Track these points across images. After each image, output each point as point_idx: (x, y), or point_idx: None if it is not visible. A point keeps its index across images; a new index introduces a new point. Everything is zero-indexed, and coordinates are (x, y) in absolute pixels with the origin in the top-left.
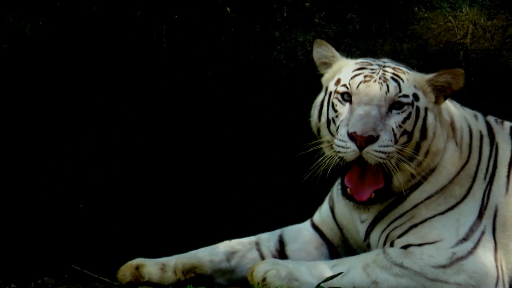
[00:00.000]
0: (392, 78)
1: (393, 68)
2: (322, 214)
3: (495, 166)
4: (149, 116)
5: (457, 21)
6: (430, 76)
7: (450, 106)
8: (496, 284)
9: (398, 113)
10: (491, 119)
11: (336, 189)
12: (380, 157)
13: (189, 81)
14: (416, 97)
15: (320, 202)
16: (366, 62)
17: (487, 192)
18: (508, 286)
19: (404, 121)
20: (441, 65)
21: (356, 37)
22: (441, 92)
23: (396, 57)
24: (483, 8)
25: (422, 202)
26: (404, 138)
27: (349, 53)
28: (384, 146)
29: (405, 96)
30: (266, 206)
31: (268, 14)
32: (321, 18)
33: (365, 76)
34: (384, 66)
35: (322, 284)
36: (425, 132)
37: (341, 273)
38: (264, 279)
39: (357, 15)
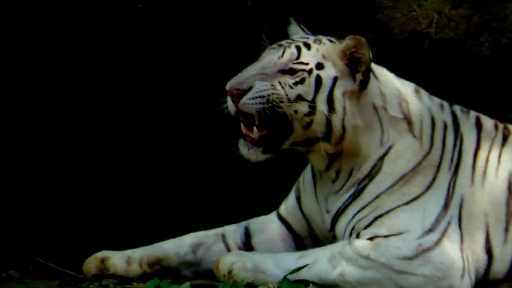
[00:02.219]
0: (296, 46)
1: (308, 39)
2: (288, 205)
3: (459, 156)
4: (116, 108)
5: (422, 10)
6: (342, 45)
7: (410, 100)
8: (462, 275)
9: (291, 78)
10: (457, 108)
11: (302, 178)
12: (257, 103)
13: (154, 70)
14: (319, 66)
15: (286, 194)
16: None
17: (452, 183)
18: (473, 277)
19: (295, 84)
20: (407, 55)
21: (321, 24)
22: (356, 67)
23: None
24: None
25: (383, 192)
26: (303, 106)
27: None
28: (259, 91)
29: (303, 63)
30: (235, 198)
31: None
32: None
33: (274, 47)
34: (304, 38)
35: (288, 276)
36: (332, 104)
37: (307, 265)
38: (230, 271)
39: (321, 4)
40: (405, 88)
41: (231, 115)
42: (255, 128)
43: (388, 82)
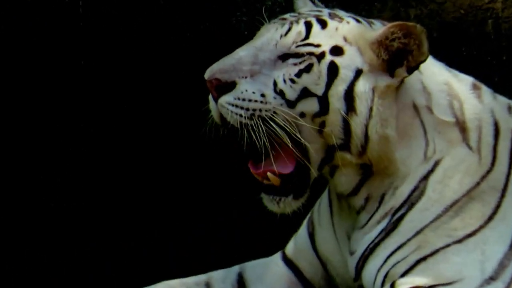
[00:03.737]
0: (306, 22)
1: (323, 14)
2: (298, 243)
3: None
4: (114, 107)
5: None
6: (378, 32)
7: (465, 99)
8: None
9: (295, 64)
10: None
11: (317, 208)
12: (237, 114)
13: (154, 66)
14: (336, 50)
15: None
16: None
17: None
18: None
19: (299, 74)
20: (461, 38)
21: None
22: (401, 60)
23: None
24: None
25: (427, 225)
26: (311, 103)
27: None
28: (241, 100)
29: (312, 45)
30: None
31: None
32: None
33: (276, 21)
34: (317, 12)
35: None
36: (352, 102)
37: None
38: None
39: None
40: (459, 83)
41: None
42: (263, 164)
43: (434, 74)
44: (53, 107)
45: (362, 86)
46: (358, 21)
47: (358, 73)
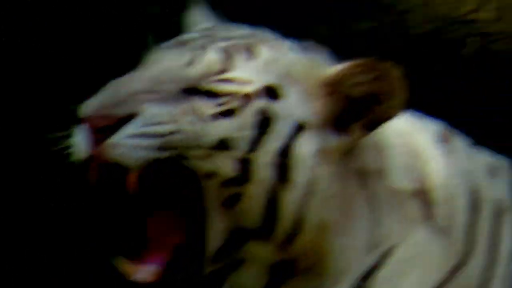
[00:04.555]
0: (226, 48)
1: (254, 37)
2: None
3: None
4: None
5: None
6: (335, 71)
7: (431, 157)
8: None
9: (207, 105)
10: None
11: None
12: (146, 147)
13: None
14: (271, 92)
15: None
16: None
17: None
18: None
19: (216, 117)
20: (432, 60)
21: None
22: (361, 113)
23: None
24: None
25: None
26: (227, 161)
27: None
28: (151, 125)
29: (235, 81)
30: None
31: None
32: None
33: (176, 44)
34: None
35: None
36: (286, 171)
37: None
38: None
39: None
40: (422, 134)
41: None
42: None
43: (389, 124)
44: None
45: (304, 148)
46: (299, 49)
47: (300, 127)
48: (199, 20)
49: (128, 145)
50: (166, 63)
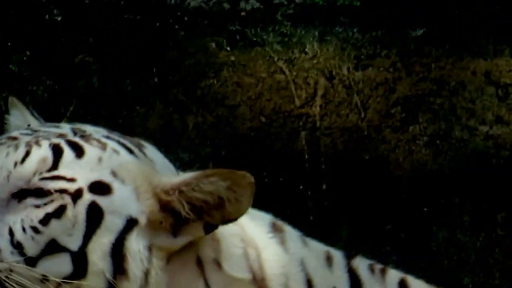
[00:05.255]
0: (53, 145)
1: (68, 133)
2: None
3: None
4: None
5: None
6: (180, 179)
7: (265, 246)
8: None
9: (38, 206)
10: (361, 265)
11: None
12: None
13: None
14: (100, 188)
15: None
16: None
17: None
18: None
19: (46, 221)
20: (262, 157)
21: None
22: (201, 214)
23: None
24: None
25: None
26: (59, 263)
27: None
28: None
29: (64, 178)
30: None
31: None
32: None
33: (3, 141)
34: (55, 126)
35: None
36: (121, 262)
37: None
38: None
39: None
40: (253, 223)
41: None
42: None
43: None
44: None
45: (136, 243)
46: (127, 148)
47: (131, 223)
48: (18, 119)
49: None
50: None
